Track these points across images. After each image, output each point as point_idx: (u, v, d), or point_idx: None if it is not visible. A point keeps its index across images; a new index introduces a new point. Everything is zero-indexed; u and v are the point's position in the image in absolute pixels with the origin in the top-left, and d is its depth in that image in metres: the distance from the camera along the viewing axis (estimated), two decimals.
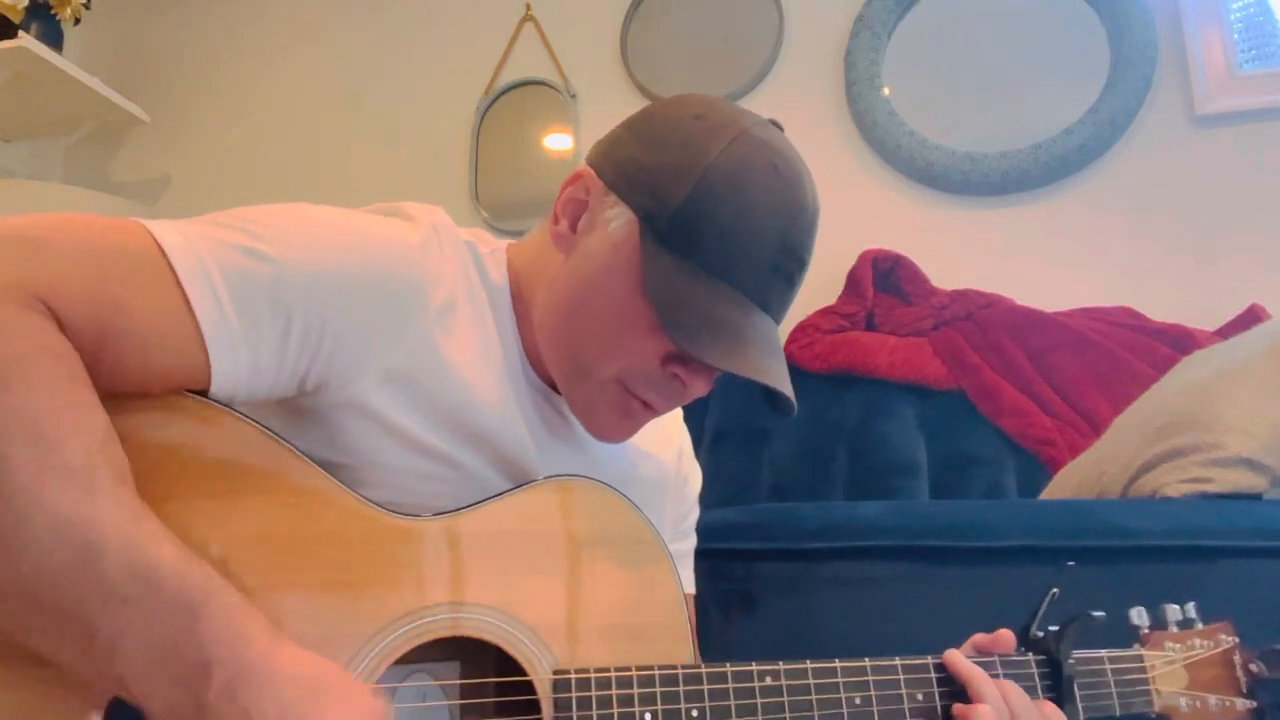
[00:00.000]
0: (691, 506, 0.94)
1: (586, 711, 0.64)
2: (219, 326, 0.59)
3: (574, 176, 0.75)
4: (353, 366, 0.65)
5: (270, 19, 2.68)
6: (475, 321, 0.73)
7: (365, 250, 0.66)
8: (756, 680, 0.68)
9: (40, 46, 2.17)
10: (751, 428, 1.87)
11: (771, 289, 0.71)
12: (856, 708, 0.70)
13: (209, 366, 0.59)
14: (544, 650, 0.66)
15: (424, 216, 0.73)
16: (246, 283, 0.60)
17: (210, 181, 2.62)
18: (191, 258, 0.59)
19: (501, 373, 0.74)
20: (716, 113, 0.73)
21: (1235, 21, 1.95)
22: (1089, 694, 0.76)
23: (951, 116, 2.07)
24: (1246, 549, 0.96)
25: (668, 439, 0.91)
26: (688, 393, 0.72)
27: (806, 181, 0.73)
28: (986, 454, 1.75)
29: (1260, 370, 1.11)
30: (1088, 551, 0.96)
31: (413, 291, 0.68)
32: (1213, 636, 0.83)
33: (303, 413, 0.67)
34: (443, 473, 0.71)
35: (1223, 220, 1.86)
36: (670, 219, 0.69)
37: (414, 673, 0.67)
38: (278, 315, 0.61)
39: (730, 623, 0.99)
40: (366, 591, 0.62)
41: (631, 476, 0.83)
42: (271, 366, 0.62)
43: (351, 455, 0.67)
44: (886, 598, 0.77)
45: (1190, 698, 0.80)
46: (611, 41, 2.35)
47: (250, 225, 0.63)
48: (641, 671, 0.66)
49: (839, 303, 2.00)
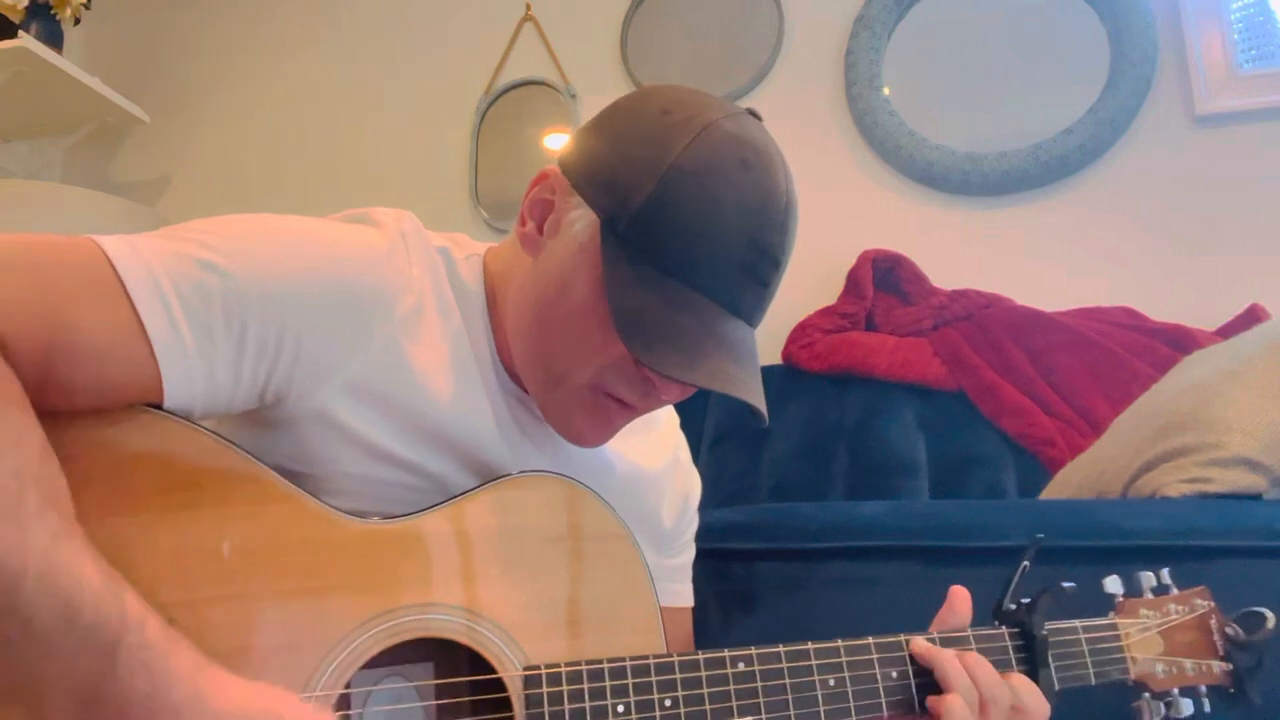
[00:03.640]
0: (692, 518, 0.93)
1: (558, 706, 0.63)
2: (170, 339, 0.58)
3: (540, 176, 0.73)
4: (313, 377, 0.64)
5: (271, 19, 2.67)
6: (445, 328, 0.72)
7: (324, 259, 0.65)
8: (729, 666, 0.68)
9: (40, 46, 2.17)
10: (751, 428, 1.87)
11: (743, 292, 0.67)
12: (830, 689, 0.70)
13: (161, 380, 0.58)
14: (514, 648, 0.66)
15: (392, 223, 0.72)
16: (199, 295, 0.59)
17: (210, 181, 2.62)
18: (141, 270, 0.58)
19: (474, 378, 0.73)
20: (684, 106, 0.69)
21: (1235, 21, 1.95)
22: (1063, 664, 0.76)
23: (951, 116, 2.07)
24: (1246, 549, 0.96)
25: (657, 446, 0.89)
26: (661, 396, 0.71)
27: (780, 175, 0.68)
28: (986, 454, 1.75)
29: (1260, 370, 1.11)
30: (1088, 551, 0.96)
31: (375, 300, 0.67)
32: (1188, 601, 0.83)
33: (266, 424, 0.66)
34: (411, 481, 0.70)
35: (1223, 220, 1.86)
36: (631, 220, 0.66)
37: (388, 675, 0.67)
38: (231, 327, 0.60)
39: (730, 623, 0.99)
40: (333, 597, 0.62)
41: (608, 477, 0.81)
42: (228, 379, 0.61)
43: (317, 465, 0.66)
44: (886, 598, 0.77)
45: (1166, 663, 0.80)
46: (611, 41, 2.35)
47: (204, 237, 0.62)
48: (612, 664, 0.65)
49: (839, 303, 2.00)
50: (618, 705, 0.64)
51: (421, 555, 0.65)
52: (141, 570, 0.56)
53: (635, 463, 0.85)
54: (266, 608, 0.60)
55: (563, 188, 0.71)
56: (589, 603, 0.71)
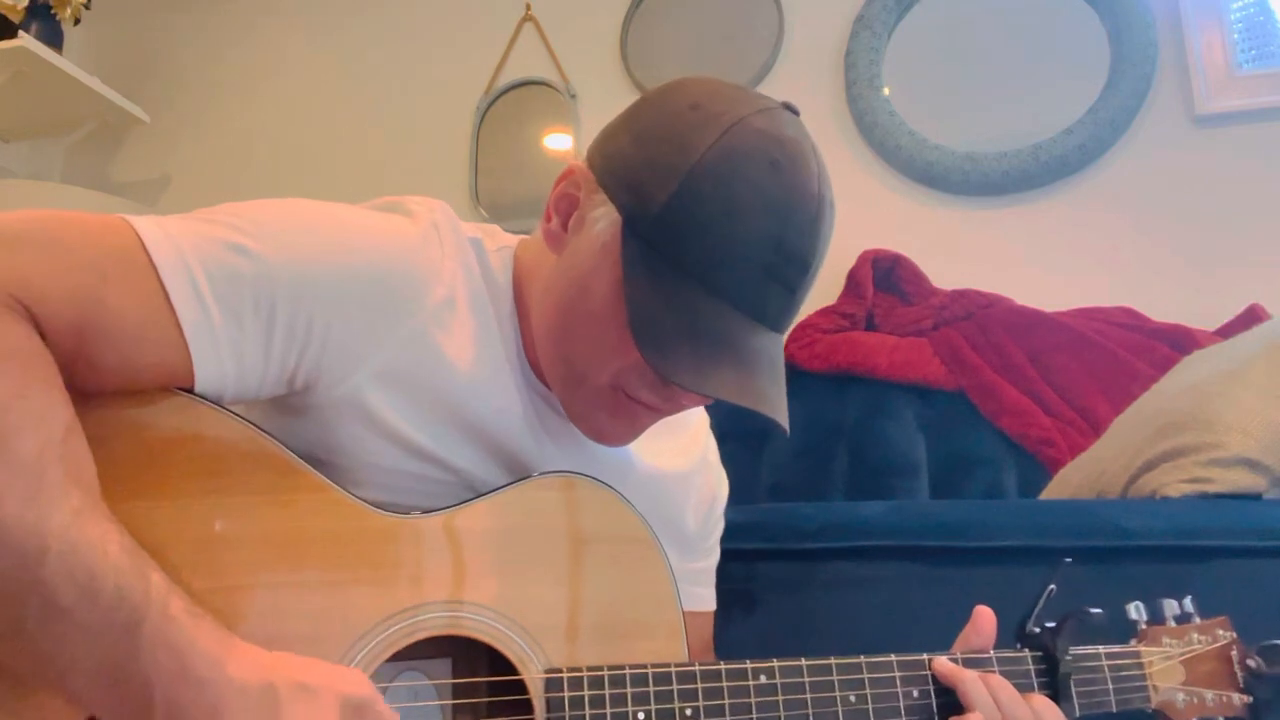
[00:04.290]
0: (718, 521, 0.91)
1: (579, 711, 0.63)
2: (200, 321, 0.58)
3: (567, 172, 0.72)
4: (343, 364, 0.64)
5: (271, 19, 2.67)
6: (476, 319, 0.71)
7: (356, 246, 0.65)
8: (751, 679, 0.68)
9: (40, 46, 2.17)
10: (752, 428, 1.86)
11: (767, 298, 0.65)
12: (851, 705, 0.69)
13: (191, 362, 0.58)
14: (536, 649, 0.66)
15: (425, 212, 0.72)
16: (229, 278, 0.59)
17: (210, 181, 2.62)
18: (173, 253, 0.58)
19: (502, 372, 0.73)
20: (714, 101, 0.66)
21: (1235, 21, 1.95)
22: (1085, 690, 0.76)
23: (951, 116, 2.07)
24: (1246, 549, 0.96)
25: (686, 448, 0.87)
26: (681, 401, 0.70)
27: (812, 175, 0.66)
28: (986, 454, 1.75)
29: (1260, 370, 1.11)
30: (1088, 551, 0.96)
31: (407, 289, 0.66)
32: (1210, 632, 0.83)
33: (295, 411, 0.66)
34: (438, 475, 0.70)
35: (1223, 220, 1.86)
36: (653, 221, 0.64)
37: (406, 670, 0.67)
38: (260, 310, 0.60)
39: (730, 623, 0.99)
40: (358, 589, 0.62)
41: (629, 476, 0.81)
42: (258, 363, 0.61)
43: (344, 456, 0.66)
44: (887, 598, 0.77)
45: (1187, 693, 0.80)
46: (611, 41, 2.35)
47: (236, 220, 0.62)
48: (634, 670, 0.65)
49: (839, 303, 2.00)
50: (638, 712, 0.64)
51: (447, 552, 0.65)
52: (168, 555, 0.56)
53: (656, 465, 0.83)
54: (292, 598, 0.60)
55: (588, 183, 0.70)
56: (612, 607, 0.70)
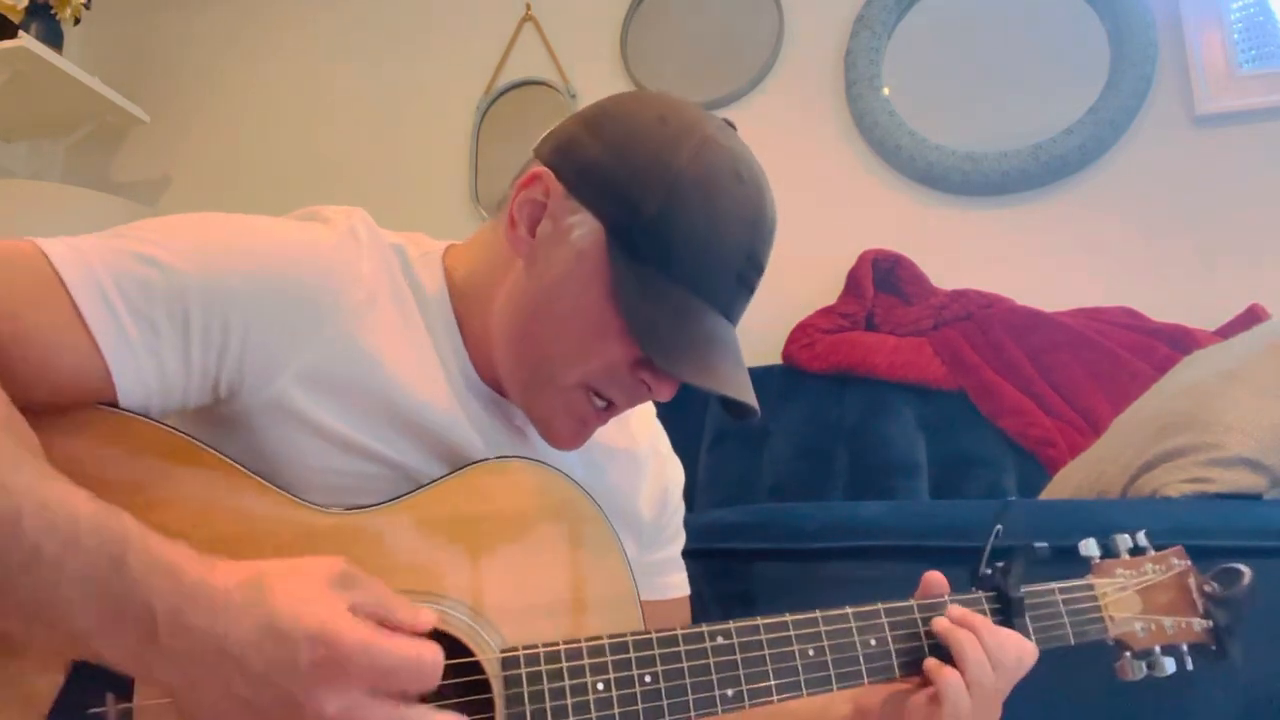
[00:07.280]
0: (676, 508, 0.92)
1: (538, 686, 0.63)
2: (114, 334, 0.59)
3: (531, 178, 0.72)
4: (266, 368, 0.65)
5: (270, 19, 2.68)
6: (402, 321, 0.72)
7: (269, 251, 0.66)
8: (708, 640, 0.68)
9: (40, 46, 2.17)
10: (751, 428, 1.87)
11: (736, 298, 0.72)
12: (810, 659, 0.70)
13: (110, 374, 0.59)
14: (492, 631, 0.66)
15: (342, 220, 0.72)
16: (140, 288, 0.60)
17: (210, 181, 2.62)
18: (81, 268, 0.59)
19: (432, 367, 0.73)
20: (679, 115, 0.72)
21: (1235, 21, 1.96)
22: (1041, 625, 0.77)
23: (951, 116, 2.07)
24: (1246, 549, 0.96)
25: (633, 437, 0.89)
26: (652, 396, 0.72)
27: (767, 189, 0.73)
28: (986, 454, 1.75)
29: (1260, 370, 1.12)
30: None
31: (320, 293, 0.67)
32: (1164, 561, 0.83)
33: (226, 422, 0.66)
34: (376, 470, 0.70)
35: (1223, 220, 1.86)
36: (641, 230, 0.68)
37: None
38: (175, 318, 0.61)
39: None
40: None
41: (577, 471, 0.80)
42: (179, 370, 0.62)
43: (280, 461, 0.66)
44: (887, 598, 0.77)
45: (1145, 622, 0.81)
46: (611, 41, 2.35)
47: (147, 234, 0.63)
48: (590, 643, 0.65)
49: (839, 303, 2.00)
50: (597, 683, 0.64)
51: (393, 544, 0.65)
52: None
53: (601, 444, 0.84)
54: None
55: (557, 192, 0.71)
56: (564, 585, 0.71)
